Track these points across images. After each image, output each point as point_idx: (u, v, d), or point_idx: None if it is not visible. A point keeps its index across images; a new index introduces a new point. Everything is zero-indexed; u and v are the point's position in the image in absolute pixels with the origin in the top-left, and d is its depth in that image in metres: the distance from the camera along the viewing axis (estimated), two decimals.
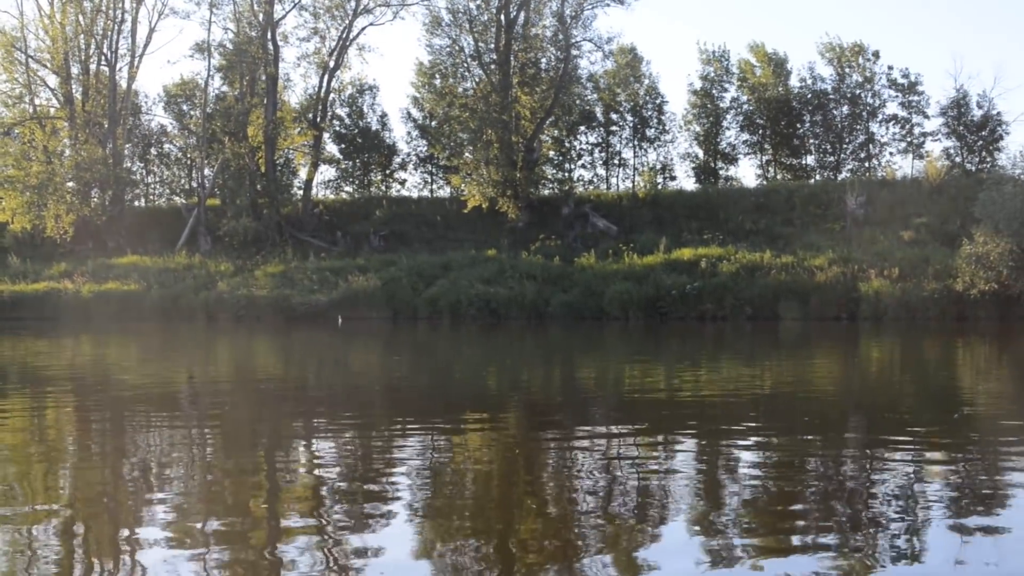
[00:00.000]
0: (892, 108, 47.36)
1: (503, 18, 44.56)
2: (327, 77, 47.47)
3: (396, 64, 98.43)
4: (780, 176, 48.48)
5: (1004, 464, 8.75)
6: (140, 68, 51.99)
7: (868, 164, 47.77)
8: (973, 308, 32.20)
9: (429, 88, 47.59)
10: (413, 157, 51.48)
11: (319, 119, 47.56)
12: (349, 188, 51.83)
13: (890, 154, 48.45)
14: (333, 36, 47.06)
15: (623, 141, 50.20)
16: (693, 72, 79.61)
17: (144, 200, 53.34)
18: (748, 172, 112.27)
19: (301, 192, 48.05)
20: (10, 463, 9.09)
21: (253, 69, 45.76)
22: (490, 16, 44.88)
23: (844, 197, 40.61)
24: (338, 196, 51.30)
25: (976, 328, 29.49)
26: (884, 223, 38.74)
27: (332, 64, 47.16)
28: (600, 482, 8.16)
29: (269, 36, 46.08)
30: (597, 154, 50.32)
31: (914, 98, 46.95)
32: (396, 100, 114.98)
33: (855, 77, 47.26)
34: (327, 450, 9.96)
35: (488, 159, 43.10)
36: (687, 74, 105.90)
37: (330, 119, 49.88)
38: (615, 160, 50.44)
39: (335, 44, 46.96)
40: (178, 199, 51.73)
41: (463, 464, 8.96)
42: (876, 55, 46.98)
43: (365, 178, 51.57)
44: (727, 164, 49.53)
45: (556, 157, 48.87)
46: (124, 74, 47.68)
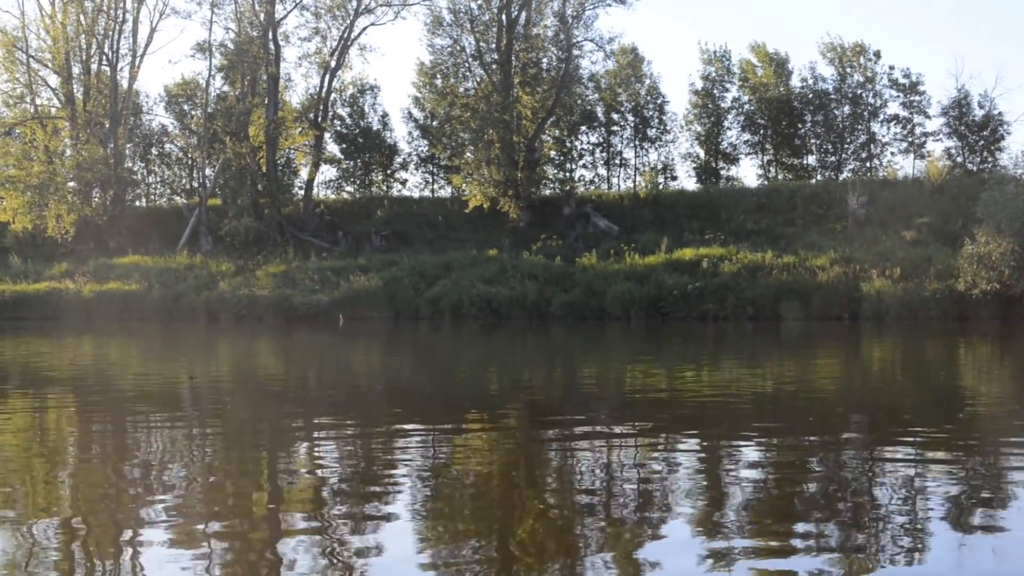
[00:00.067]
0: (893, 108, 47.52)
1: (504, 18, 44.58)
2: (328, 77, 47.52)
3: (397, 64, 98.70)
4: (781, 176, 48.48)
5: (1006, 465, 8.74)
6: (141, 68, 52.21)
7: (869, 164, 47.80)
8: (975, 308, 32.21)
9: (430, 88, 47.64)
10: (414, 157, 51.61)
11: (320, 119, 47.59)
12: (350, 188, 51.93)
13: (891, 154, 48.59)
14: (334, 36, 47.21)
15: (624, 141, 50.27)
16: (694, 72, 79.76)
17: (145, 200, 53.43)
18: (749, 172, 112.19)
19: (302, 192, 48.09)
20: (11, 463, 9.09)
21: (254, 69, 45.78)
22: (491, 16, 44.89)
23: (846, 197, 40.62)
24: (339, 196, 51.34)
25: (978, 328, 29.46)
26: (886, 223, 38.75)
27: (333, 64, 47.21)
28: (601, 482, 8.16)
29: (270, 36, 46.13)
30: (598, 154, 50.40)
31: (915, 98, 47.00)
32: (397, 100, 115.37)
33: (856, 77, 47.26)
34: (328, 450, 9.95)
35: (489, 159, 43.09)
36: (688, 74, 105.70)
37: (331, 119, 49.94)
38: (616, 160, 50.48)
39: (336, 44, 47.06)
40: (179, 199, 51.79)
41: (464, 464, 8.95)
42: (877, 55, 47.03)
43: (366, 178, 51.60)
44: (728, 164, 49.62)
45: (557, 157, 48.88)
46: (125, 74, 47.89)
